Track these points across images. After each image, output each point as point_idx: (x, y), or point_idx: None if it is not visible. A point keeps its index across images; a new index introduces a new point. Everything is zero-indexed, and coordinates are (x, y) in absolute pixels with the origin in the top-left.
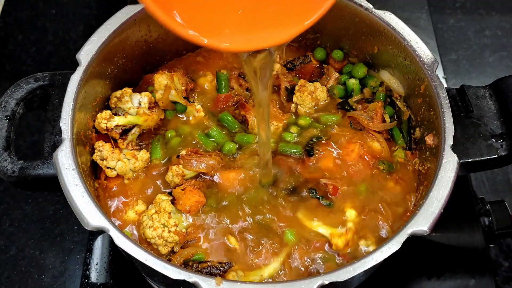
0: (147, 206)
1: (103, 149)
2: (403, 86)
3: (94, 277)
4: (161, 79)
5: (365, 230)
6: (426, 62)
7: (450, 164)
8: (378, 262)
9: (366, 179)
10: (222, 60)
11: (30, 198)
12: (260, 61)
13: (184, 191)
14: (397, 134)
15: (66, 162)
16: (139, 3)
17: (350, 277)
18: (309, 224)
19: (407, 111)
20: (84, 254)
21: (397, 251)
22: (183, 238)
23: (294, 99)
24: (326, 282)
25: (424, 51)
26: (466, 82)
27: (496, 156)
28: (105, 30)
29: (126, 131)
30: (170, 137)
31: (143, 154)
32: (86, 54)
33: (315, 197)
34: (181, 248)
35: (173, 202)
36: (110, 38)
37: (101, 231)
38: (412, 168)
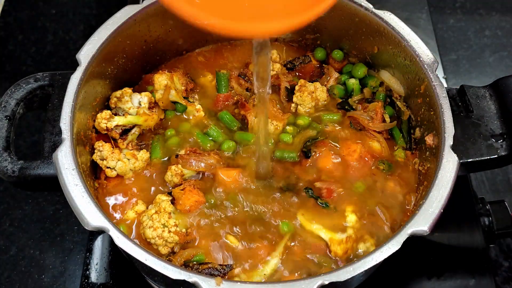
0: (147, 206)
1: (103, 149)
2: (403, 86)
3: (94, 277)
4: (161, 79)
5: (364, 232)
6: (426, 62)
7: (450, 164)
8: (378, 262)
9: (366, 179)
10: (222, 59)
11: (30, 198)
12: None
13: (183, 191)
14: (397, 134)
15: (66, 162)
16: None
17: (350, 277)
18: (309, 226)
19: (407, 111)
20: (84, 254)
21: (397, 251)
22: (183, 238)
23: (294, 99)
24: (326, 282)
25: (424, 51)
26: (466, 82)
27: (496, 156)
28: (105, 30)
29: (126, 131)
30: (169, 135)
31: (143, 154)
32: (86, 54)
33: (312, 196)
34: (181, 249)
35: (173, 202)
36: (110, 38)
37: (101, 231)
38: (412, 168)
